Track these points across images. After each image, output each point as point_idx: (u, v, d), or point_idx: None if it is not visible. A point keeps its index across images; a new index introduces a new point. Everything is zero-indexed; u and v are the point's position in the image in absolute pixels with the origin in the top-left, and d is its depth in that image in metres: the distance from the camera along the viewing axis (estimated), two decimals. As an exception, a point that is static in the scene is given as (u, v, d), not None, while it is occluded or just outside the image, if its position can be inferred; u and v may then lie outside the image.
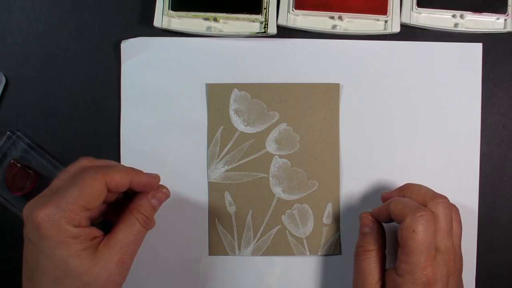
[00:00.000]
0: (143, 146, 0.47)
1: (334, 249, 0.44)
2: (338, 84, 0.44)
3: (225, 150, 0.44)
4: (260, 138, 0.44)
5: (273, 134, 0.44)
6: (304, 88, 0.44)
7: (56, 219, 0.33)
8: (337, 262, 0.46)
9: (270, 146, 0.44)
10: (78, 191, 0.34)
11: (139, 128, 0.47)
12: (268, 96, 0.44)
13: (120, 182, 0.36)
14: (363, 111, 0.46)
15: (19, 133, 0.46)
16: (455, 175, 0.46)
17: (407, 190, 0.40)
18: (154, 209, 0.38)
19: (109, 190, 0.36)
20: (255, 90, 0.44)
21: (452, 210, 0.38)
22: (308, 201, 0.44)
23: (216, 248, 0.44)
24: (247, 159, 0.44)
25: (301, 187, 0.44)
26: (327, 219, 0.44)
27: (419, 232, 0.35)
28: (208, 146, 0.44)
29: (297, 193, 0.44)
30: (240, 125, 0.44)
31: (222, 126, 0.44)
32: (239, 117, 0.44)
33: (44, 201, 0.34)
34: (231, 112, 0.44)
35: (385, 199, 0.41)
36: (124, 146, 0.47)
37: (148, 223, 0.38)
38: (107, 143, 0.47)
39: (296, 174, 0.44)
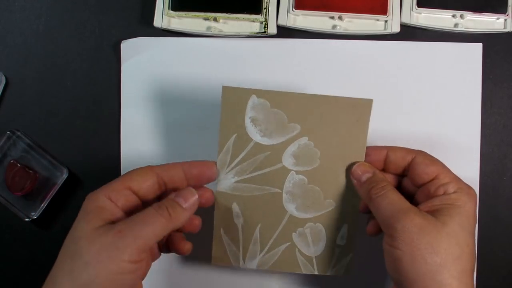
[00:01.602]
0: (143, 146, 0.47)
1: (344, 271, 0.42)
2: (371, 100, 0.39)
3: (236, 160, 0.40)
4: (276, 151, 0.40)
5: (292, 148, 0.40)
6: (331, 101, 0.39)
7: (96, 192, 0.35)
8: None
9: (287, 160, 0.40)
10: (125, 173, 0.36)
11: (139, 128, 0.47)
12: (290, 106, 0.39)
13: (171, 167, 0.37)
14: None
15: (19, 133, 0.46)
16: (455, 175, 0.46)
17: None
18: (178, 204, 0.36)
19: (167, 185, 0.37)
20: (276, 99, 0.39)
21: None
22: (322, 220, 0.41)
23: (219, 257, 0.41)
24: (260, 172, 0.40)
25: (316, 206, 0.41)
26: (341, 240, 0.41)
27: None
28: (218, 154, 0.40)
29: (311, 212, 0.41)
30: (255, 135, 0.40)
31: (236, 134, 0.40)
32: (255, 126, 0.39)
33: None
34: (247, 120, 0.39)
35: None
36: (124, 146, 0.47)
37: (168, 216, 0.34)
38: (107, 143, 0.47)
39: (313, 192, 0.40)
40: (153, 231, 0.33)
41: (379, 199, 0.36)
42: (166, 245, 0.40)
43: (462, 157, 0.46)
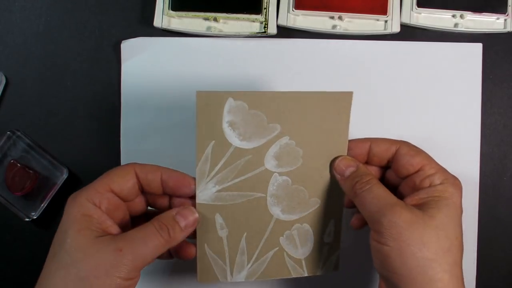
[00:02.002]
0: (143, 146, 0.47)
1: (334, 267, 0.41)
2: (351, 92, 0.38)
3: (216, 168, 0.38)
4: (257, 154, 0.38)
5: (273, 149, 0.38)
6: (311, 96, 0.38)
7: (79, 196, 0.34)
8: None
9: (269, 162, 0.38)
10: (106, 174, 0.35)
11: (139, 128, 0.47)
12: (269, 106, 0.37)
13: (150, 171, 0.36)
14: (363, 111, 0.46)
15: (19, 133, 0.46)
16: (455, 175, 0.46)
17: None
18: (178, 224, 0.35)
19: (143, 188, 0.36)
20: (254, 100, 0.37)
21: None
22: (309, 220, 0.40)
23: (205, 275, 0.39)
24: (242, 177, 0.38)
25: (302, 207, 0.39)
26: (328, 237, 0.40)
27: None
28: (197, 164, 0.38)
29: (298, 213, 0.39)
30: (234, 140, 0.37)
31: (214, 141, 0.37)
32: (233, 130, 0.37)
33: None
34: (225, 125, 0.37)
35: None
36: (124, 146, 0.47)
37: (168, 237, 0.34)
38: (107, 143, 0.47)
39: (297, 192, 0.39)
40: (152, 251, 0.33)
41: (364, 194, 0.35)
42: (168, 252, 0.39)
43: (462, 157, 0.46)
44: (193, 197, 0.37)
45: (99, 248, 0.32)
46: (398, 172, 0.37)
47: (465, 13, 0.45)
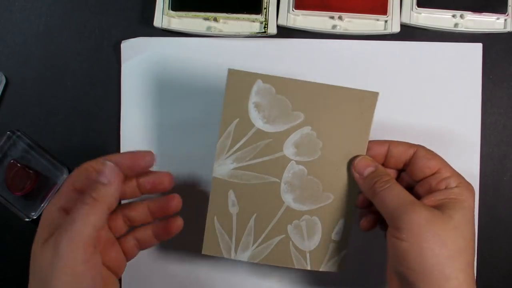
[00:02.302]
0: (143, 146, 0.47)
1: (338, 266, 0.41)
2: (377, 92, 0.38)
3: (236, 146, 0.39)
4: (278, 139, 0.39)
5: (294, 136, 0.39)
6: (338, 91, 0.38)
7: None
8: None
9: (288, 149, 0.39)
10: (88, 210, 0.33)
11: (139, 128, 0.47)
12: (295, 94, 0.38)
13: (97, 165, 0.35)
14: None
15: (19, 133, 0.46)
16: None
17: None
18: (99, 183, 0.33)
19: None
20: (282, 85, 0.38)
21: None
22: (319, 214, 0.40)
23: (210, 247, 0.40)
24: (260, 159, 0.39)
25: (314, 199, 0.40)
26: (336, 235, 0.40)
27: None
28: (219, 137, 0.39)
29: (309, 204, 0.40)
30: (258, 121, 0.39)
31: (238, 119, 0.39)
32: (258, 112, 0.39)
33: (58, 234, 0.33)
34: (250, 105, 0.38)
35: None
36: (124, 146, 0.47)
37: (93, 201, 0.32)
38: (107, 143, 0.47)
39: (312, 184, 0.40)
40: (84, 224, 0.31)
41: (384, 192, 0.36)
42: (155, 235, 0.39)
43: (462, 157, 0.46)
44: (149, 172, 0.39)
45: (42, 251, 0.32)
46: (414, 175, 0.38)
47: (465, 13, 0.45)
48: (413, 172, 0.38)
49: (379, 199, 0.36)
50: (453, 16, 0.46)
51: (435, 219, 0.33)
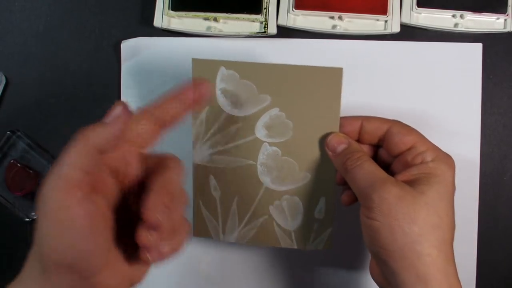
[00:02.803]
0: (143, 146, 0.47)
1: (325, 245, 0.41)
2: (341, 68, 0.38)
3: (210, 132, 0.40)
4: (249, 123, 0.40)
5: (263, 119, 0.39)
6: (301, 70, 0.38)
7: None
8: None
9: (260, 132, 0.40)
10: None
11: (139, 128, 0.47)
12: (260, 77, 0.39)
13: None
14: (363, 111, 0.46)
15: (19, 133, 0.46)
16: (455, 175, 0.46)
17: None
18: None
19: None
20: (245, 70, 0.39)
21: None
22: (298, 193, 0.40)
23: (200, 229, 0.41)
24: (234, 143, 0.40)
25: (291, 179, 0.40)
26: (319, 213, 0.40)
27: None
28: (193, 126, 0.40)
29: (287, 185, 0.40)
30: (227, 107, 0.39)
31: (208, 107, 0.40)
32: (226, 98, 0.39)
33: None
34: (218, 92, 0.39)
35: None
36: (124, 146, 0.47)
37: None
38: (107, 143, 0.47)
39: (287, 164, 0.40)
40: (69, 167, 0.28)
41: (355, 170, 0.35)
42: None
43: (462, 157, 0.46)
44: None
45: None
46: (390, 151, 0.37)
47: (465, 13, 0.45)
48: (389, 148, 0.37)
49: (351, 176, 0.35)
50: (453, 16, 0.46)
51: (405, 195, 0.32)
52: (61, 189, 0.27)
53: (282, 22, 0.46)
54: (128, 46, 0.47)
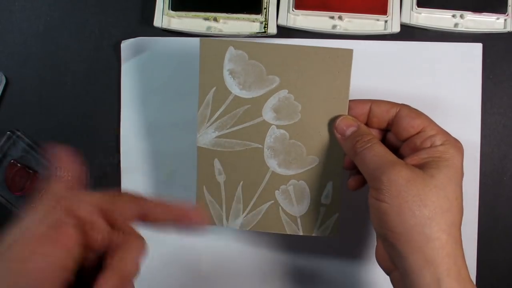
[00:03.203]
0: (143, 146, 0.47)
1: (331, 231, 0.40)
2: (351, 49, 0.38)
3: (216, 114, 0.39)
4: (256, 105, 0.39)
5: (272, 101, 0.39)
6: (310, 51, 0.38)
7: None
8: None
9: (267, 114, 0.39)
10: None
11: (139, 127, 0.47)
12: (268, 58, 0.38)
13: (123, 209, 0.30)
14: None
15: (19, 133, 0.46)
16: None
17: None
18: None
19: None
20: (254, 50, 0.38)
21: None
22: (305, 178, 0.39)
23: None
24: (241, 126, 0.39)
25: (299, 163, 0.39)
26: (325, 199, 0.40)
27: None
28: (199, 108, 0.39)
29: (294, 169, 0.39)
30: (234, 88, 0.39)
31: (215, 88, 0.39)
32: (234, 79, 0.39)
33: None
34: (225, 73, 0.38)
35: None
36: (124, 146, 0.47)
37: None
38: (107, 143, 0.47)
39: (295, 147, 0.39)
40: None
41: (365, 152, 0.35)
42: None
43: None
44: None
45: None
46: (399, 135, 0.37)
47: (465, 13, 0.45)
48: (398, 131, 0.36)
49: (360, 159, 0.35)
50: (453, 16, 0.46)
51: (416, 178, 0.32)
52: (23, 241, 0.27)
53: (282, 22, 0.46)
54: (128, 46, 0.47)
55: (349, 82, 0.38)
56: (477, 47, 0.46)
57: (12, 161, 0.46)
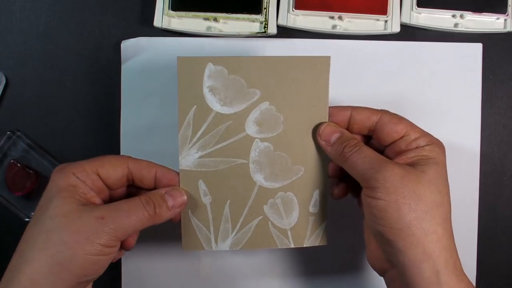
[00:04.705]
0: (143, 146, 0.47)
1: (321, 240, 0.40)
2: (329, 56, 0.38)
3: (198, 134, 0.39)
4: (238, 120, 0.38)
5: (254, 114, 0.39)
6: (289, 61, 0.38)
7: (66, 168, 0.35)
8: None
9: (250, 128, 0.39)
10: (98, 157, 0.36)
11: (139, 128, 0.47)
12: (248, 71, 0.38)
13: (145, 168, 0.37)
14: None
15: (19, 133, 0.46)
16: (455, 175, 0.46)
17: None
18: (165, 203, 0.36)
19: (135, 181, 0.37)
20: (233, 65, 0.38)
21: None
22: (292, 189, 0.39)
23: (189, 242, 0.39)
24: (224, 143, 0.39)
25: (285, 174, 0.39)
26: (313, 207, 0.40)
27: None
28: (179, 130, 0.38)
29: (281, 181, 0.39)
30: (215, 105, 0.38)
31: (195, 106, 0.38)
32: (214, 95, 0.38)
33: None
34: (205, 90, 0.38)
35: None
36: (124, 146, 0.47)
37: (153, 213, 0.35)
38: (107, 143, 0.47)
39: (280, 159, 0.39)
40: (134, 224, 0.34)
41: (354, 155, 0.35)
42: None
43: (462, 157, 0.46)
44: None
45: (81, 215, 0.33)
46: (382, 140, 0.37)
47: (465, 13, 0.45)
48: (381, 137, 0.37)
49: (350, 163, 0.36)
50: (453, 16, 0.46)
51: (409, 174, 0.33)
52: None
53: (282, 22, 0.46)
54: (128, 46, 0.47)
55: (328, 89, 0.38)
56: (477, 47, 0.46)
57: (12, 161, 0.46)
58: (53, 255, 0.32)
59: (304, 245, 0.40)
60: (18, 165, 0.46)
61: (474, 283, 0.46)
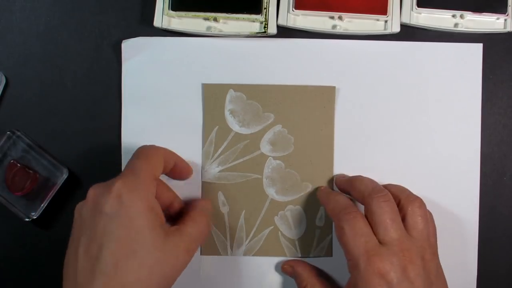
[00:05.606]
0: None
1: (326, 251, 0.45)
2: (334, 87, 0.44)
3: (219, 150, 0.44)
4: (254, 139, 0.44)
5: (268, 135, 0.44)
6: (299, 90, 0.44)
7: (136, 187, 0.35)
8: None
9: (265, 147, 0.44)
10: (144, 160, 0.38)
11: (139, 128, 0.47)
12: (264, 97, 0.44)
13: (169, 156, 0.42)
14: (362, 111, 0.46)
15: (19, 133, 0.46)
16: (455, 175, 0.46)
17: (353, 183, 0.41)
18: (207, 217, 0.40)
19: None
20: (251, 91, 0.44)
21: (391, 205, 0.38)
22: (301, 203, 0.44)
23: (208, 248, 0.45)
24: (241, 159, 0.44)
25: (294, 189, 0.44)
26: (319, 221, 0.45)
27: (346, 230, 0.37)
28: (203, 146, 0.44)
29: (290, 195, 0.44)
30: (235, 126, 0.44)
31: (217, 126, 0.45)
32: (234, 117, 0.44)
33: (118, 177, 0.36)
34: (227, 113, 0.44)
35: (338, 183, 0.44)
36: (124, 146, 0.47)
37: (210, 226, 0.40)
38: (107, 143, 0.47)
39: (290, 175, 0.44)
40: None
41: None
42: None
43: (462, 157, 0.46)
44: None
45: (172, 248, 0.35)
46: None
47: (465, 13, 0.45)
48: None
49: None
50: (453, 16, 0.46)
51: None
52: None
53: (282, 22, 0.46)
54: (128, 46, 0.47)
55: (334, 115, 0.45)
56: (477, 47, 0.46)
57: (12, 161, 0.46)
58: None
59: (310, 256, 0.45)
60: (18, 165, 0.46)
61: (474, 283, 0.46)
